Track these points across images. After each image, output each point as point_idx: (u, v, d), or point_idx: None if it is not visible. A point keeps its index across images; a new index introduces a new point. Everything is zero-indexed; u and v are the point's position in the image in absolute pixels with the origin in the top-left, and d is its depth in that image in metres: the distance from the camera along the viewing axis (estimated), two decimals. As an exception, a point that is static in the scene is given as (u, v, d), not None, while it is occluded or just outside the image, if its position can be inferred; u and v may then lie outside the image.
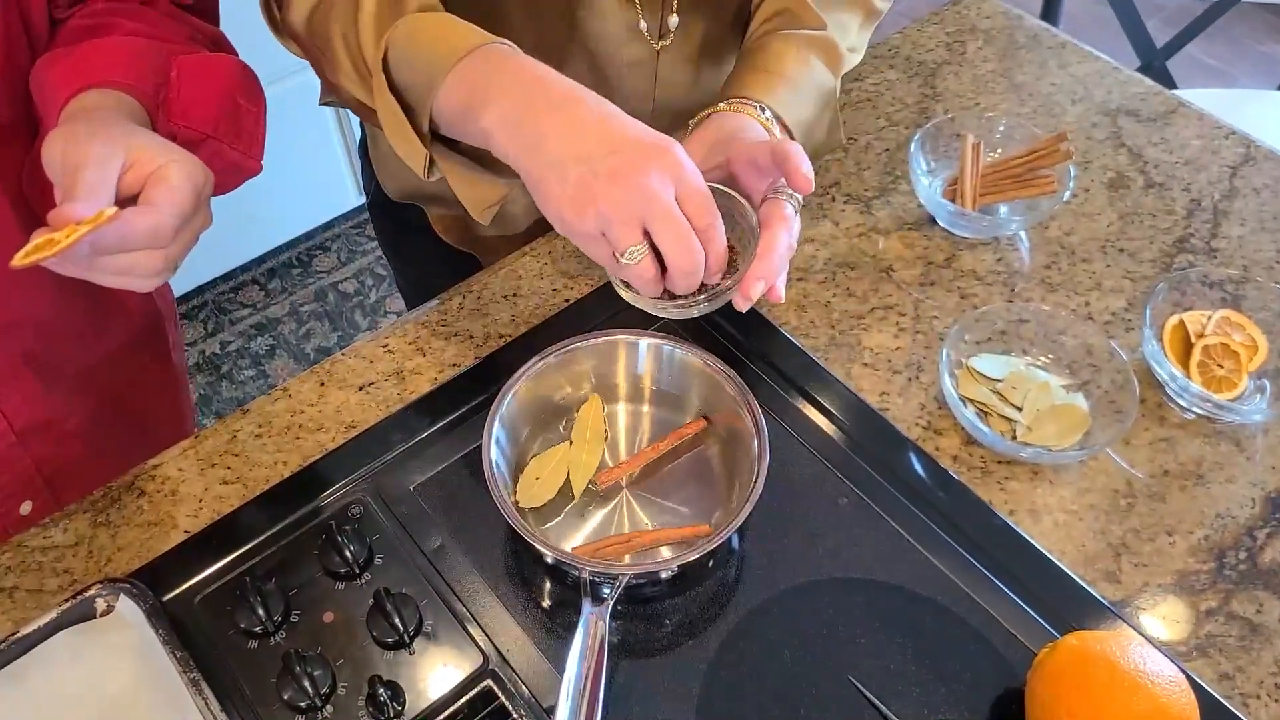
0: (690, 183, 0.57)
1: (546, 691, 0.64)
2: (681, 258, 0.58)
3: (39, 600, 0.68)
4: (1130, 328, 0.85)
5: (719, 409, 0.74)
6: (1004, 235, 0.91)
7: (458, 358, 0.82)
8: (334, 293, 2.11)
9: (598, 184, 0.56)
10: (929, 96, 1.03)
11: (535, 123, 0.58)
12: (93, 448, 0.85)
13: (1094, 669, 0.59)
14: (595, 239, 0.59)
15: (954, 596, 0.69)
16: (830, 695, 0.65)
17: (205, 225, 0.63)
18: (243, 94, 0.73)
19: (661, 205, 0.56)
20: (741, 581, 0.70)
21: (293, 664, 0.63)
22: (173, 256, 0.60)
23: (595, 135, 0.57)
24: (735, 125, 0.71)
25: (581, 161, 0.56)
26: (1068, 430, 0.75)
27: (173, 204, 0.58)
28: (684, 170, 0.57)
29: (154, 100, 0.67)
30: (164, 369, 0.94)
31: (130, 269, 0.59)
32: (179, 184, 0.59)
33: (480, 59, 0.61)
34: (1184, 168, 0.96)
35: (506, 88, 0.59)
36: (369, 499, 0.73)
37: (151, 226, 0.57)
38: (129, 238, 0.57)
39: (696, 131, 0.73)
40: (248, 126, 0.73)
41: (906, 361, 0.82)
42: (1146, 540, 0.73)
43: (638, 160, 0.56)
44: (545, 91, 0.59)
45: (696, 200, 0.57)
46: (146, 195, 0.58)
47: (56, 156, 0.58)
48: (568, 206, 0.58)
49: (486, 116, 0.60)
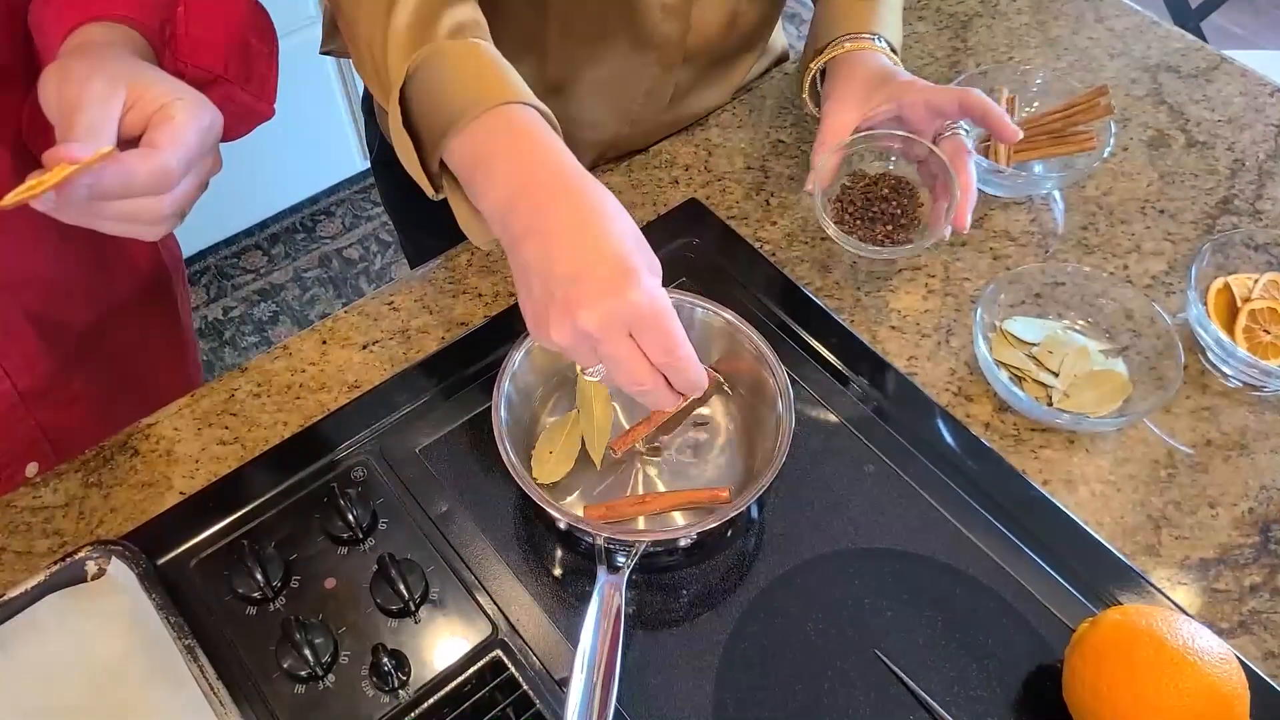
0: (647, 323, 0.53)
1: (559, 663, 0.61)
2: (631, 389, 0.55)
3: (27, 563, 0.65)
4: (1171, 292, 0.81)
5: (741, 370, 0.70)
6: (1038, 195, 0.87)
7: (466, 316, 0.79)
8: (338, 258, 2.07)
9: (554, 309, 0.53)
10: (960, 50, 0.98)
11: (517, 221, 0.55)
12: (98, 409, 0.81)
13: (1139, 645, 0.56)
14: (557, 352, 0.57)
15: (985, 569, 0.66)
16: (856, 670, 0.62)
17: (215, 170, 0.59)
18: (255, 33, 0.68)
19: (604, 346, 0.53)
20: (762, 551, 0.67)
21: (293, 631, 0.60)
22: (179, 202, 0.56)
23: (564, 254, 0.53)
24: (875, 65, 0.76)
25: (542, 279, 0.54)
26: (1107, 397, 0.72)
27: (177, 145, 0.54)
28: (641, 310, 0.52)
29: (160, 37, 0.62)
30: (172, 329, 0.91)
31: (134, 215, 0.55)
32: (184, 124, 0.54)
33: (493, 124, 0.57)
34: (1227, 126, 0.92)
35: (504, 174, 0.56)
36: (373, 461, 0.69)
37: (155, 169, 0.53)
38: (131, 181, 0.53)
39: (841, 74, 0.76)
40: (260, 69, 0.69)
41: (936, 324, 0.78)
42: (1188, 513, 0.69)
43: (592, 294, 0.52)
44: (539, 186, 0.56)
45: (653, 336, 0.53)
46: (150, 136, 0.54)
47: (52, 95, 0.54)
48: (530, 320, 0.56)
49: (483, 198, 0.57)
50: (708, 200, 0.86)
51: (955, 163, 0.73)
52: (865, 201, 0.77)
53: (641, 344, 0.53)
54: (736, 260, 0.82)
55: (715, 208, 0.86)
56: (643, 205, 0.86)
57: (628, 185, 0.87)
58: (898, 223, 0.76)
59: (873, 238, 0.76)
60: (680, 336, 0.53)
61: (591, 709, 0.55)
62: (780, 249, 0.83)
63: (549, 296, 0.53)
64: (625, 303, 0.52)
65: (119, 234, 0.56)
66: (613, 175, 0.88)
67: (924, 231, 0.74)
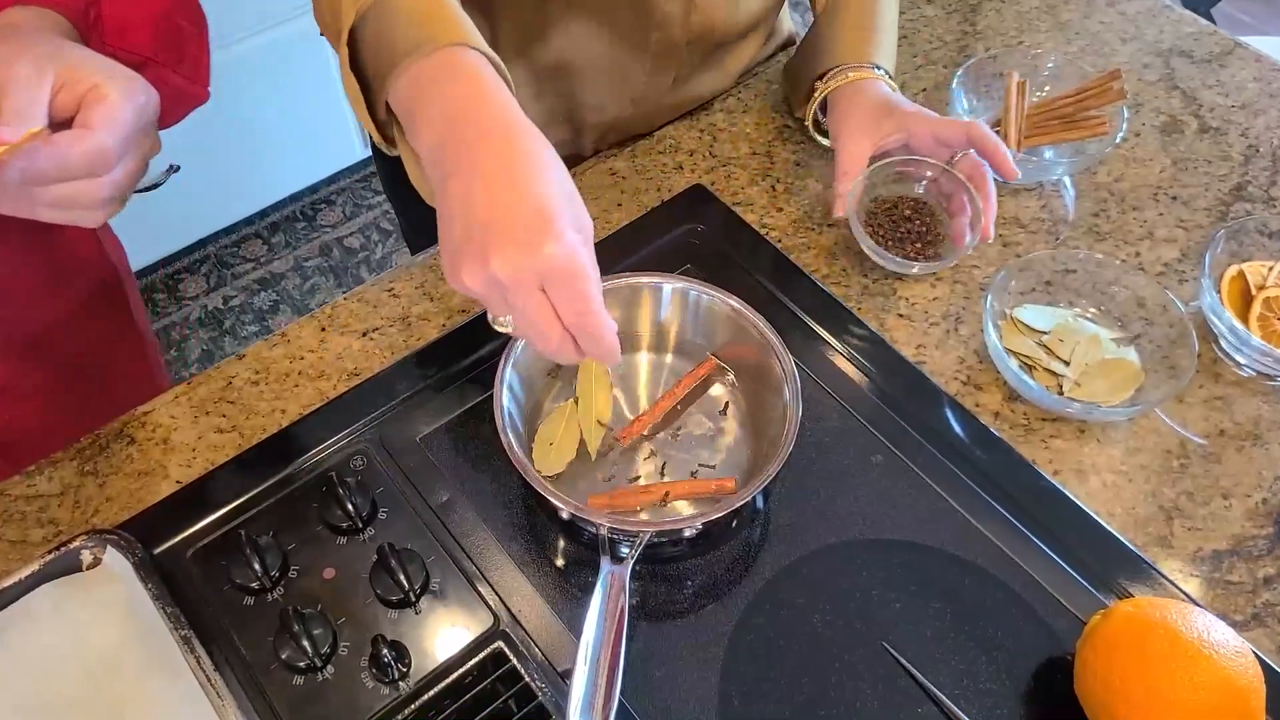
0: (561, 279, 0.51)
1: (561, 655, 0.60)
2: (536, 345, 0.54)
3: (22, 552, 0.64)
4: (1184, 280, 0.79)
5: (747, 358, 0.69)
6: (1048, 181, 0.85)
7: (467, 304, 0.77)
8: (339, 247, 2.06)
9: (468, 252, 0.51)
10: (969, 34, 0.97)
11: (446, 160, 0.54)
12: (51, 414, 0.79)
13: (1153, 638, 0.55)
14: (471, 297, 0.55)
15: (995, 560, 0.65)
16: (863, 662, 0.61)
17: (154, 151, 0.57)
18: (183, 14, 0.66)
19: (517, 294, 0.51)
20: (768, 541, 0.66)
21: (291, 622, 0.59)
22: (118, 184, 0.54)
23: (486, 198, 0.51)
24: (878, 95, 0.79)
25: (461, 221, 0.52)
26: (1119, 386, 0.70)
27: (113, 125, 0.52)
28: (556, 264, 0.50)
29: (85, 20, 0.60)
30: (126, 332, 0.88)
31: (71, 199, 0.53)
32: (118, 103, 0.52)
33: (435, 65, 0.55)
34: (1240, 111, 0.90)
35: (440, 113, 0.54)
36: (372, 450, 0.68)
37: (90, 150, 0.51)
38: (66, 164, 0.51)
39: (845, 105, 0.79)
40: (191, 50, 0.67)
41: (944, 313, 0.77)
42: (1200, 503, 0.68)
43: (507, 242, 0.50)
44: (472, 125, 0.53)
45: (565, 293, 0.51)
46: (83, 116, 0.52)
47: None
48: (446, 261, 0.53)
49: (418, 136, 0.56)
50: (713, 186, 0.85)
51: (974, 179, 0.76)
52: (892, 224, 0.79)
53: (553, 299, 0.52)
54: (742, 247, 0.81)
55: (720, 193, 0.84)
56: (646, 191, 0.84)
57: (631, 170, 0.86)
58: (925, 239, 0.78)
59: (906, 255, 0.77)
60: (594, 299, 0.52)
61: (595, 701, 0.54)
62: (786, 235, 0.82)
63: (466, 238, 0.51)
64: (540, 255, 0.50)
65: (58, 220, 0.54)
66: (616, 160, 0.87)
67: (950, 246, 0.77)
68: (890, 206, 0.79)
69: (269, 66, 1.79)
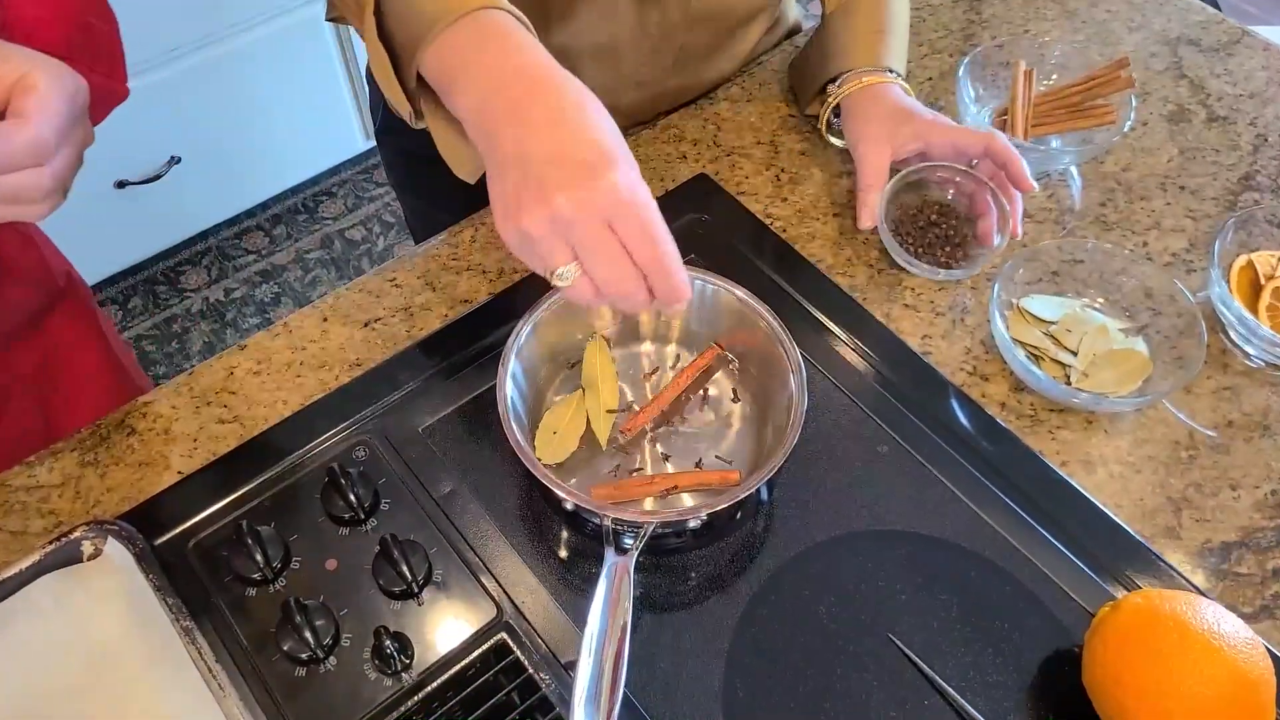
0: (627, 212, 0.50)
1: (565, 646, 0.60)
2: (610, 289, 0.52)
3: (22, 543, 0.64)
4: (1192, 270, 0.79)
5: (752, 347, 0.68)
6: (1055, 171, 0.85)
7: (470, 294, 0.77)
8: (340, 240, 2.05)
9: (529, 193, 0.50)
10: (975, 23, 0.96)
11: (495, 116, 0.53)
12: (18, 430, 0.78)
13: (1162, 630, 0.54)
14: (524, 251, 0.52)
15: (1002, 551, 0.64)
16: (869, 654, 0.61)
17: (87, 141, 0.56)
18: (92, 11, 0.65)
19: (583, 233, 0.50)
20: (773, 532, 0.65)
21: (293, 613, 0.58)
22: (59, 174, 0.53)
23: (542, 139, 0.50)
24: (894, 101, 0.78)
25: (518, 165, 0.51)
26: (1127, 376, 0.70)
27: (46, 113, 0.51)
28: (619, 197, 0.49)
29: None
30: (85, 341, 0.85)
31: (17, 193, 0.52)
32: (49, 91, 0.51)
33: (467, 29, 0.54)
34: (1249, 101, 0.90)
35: (482, 73, 0.54)
36: (375, 441, 0.68)
37: (29, 139, 0.50)
38: (7, 155, 0.50)
39: (862, 112, 0.78)
40: (106, 46, 0.65)
41: (950, 303, 0.77)
42: (1209, 495, 0.67)
43: (569, 179, 0.49)
44: (517, 81, 0.53)
45: (635, 232, 0.50)
46: (15, 107, 0.51)
47: None
48: (501, 209, 0.52)
49: (459, 100, 0.55)
50: (717, 176, 0.84)
51: (997, 179, 0.77)
52: (919, 231, 0.78)
53: (621, 235, 0.50)
54: (747, 237, 0.80)
55: (725, 183, 0.84)
56: (651, 180, 0.84)
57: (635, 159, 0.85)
58: (953, 243, 0.78)
59: (938, 261, 0.77)
60: (665, 231, 0.50)
61: (600, 693, 0.53)
62: (791, 225, 0.81)
63: (524, 182, 0.50)
64: (604, 187, 0.49)
65: (4, 217, 0.53)
66: (619, 150, 0.86)
67: (977, 247, 0.77)
68: (916, 213, 0.79)
69: (270, 58, 1.78)
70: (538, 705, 0.58)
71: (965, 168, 0.78)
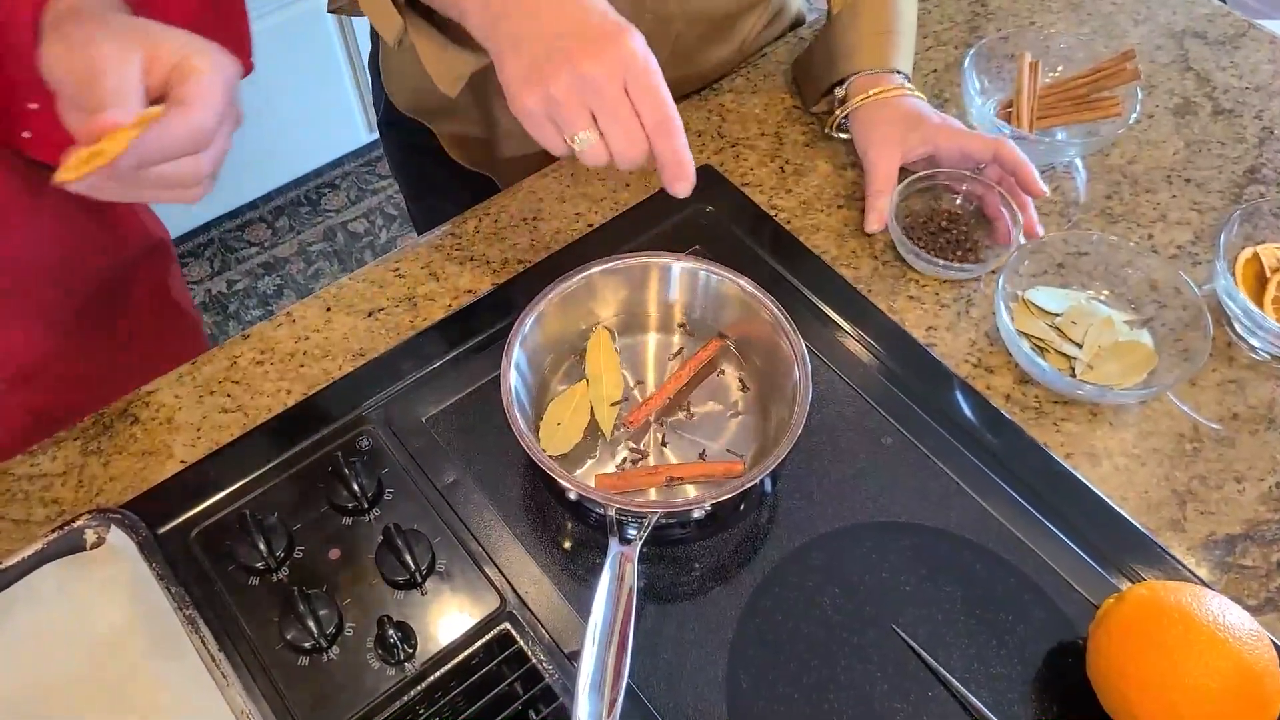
0: (642, 76, 0.55)
1: (569, 636, 0.60)
2: (623, 150, 0.57)
3: (25, 531, 0.64)
4: (1197, 262, 0.78)
5: (756, 338, 0.68)
6: (1059, 163, 0.84)
7: (473, 284, 0.77)
8: (343, 232, 2.05)
9: (550, 65, 0.54)
10: (980, 15, 0.96)
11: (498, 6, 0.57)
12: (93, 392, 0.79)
13: (1167, 622, 0.54)
14: (544, 122, 0.57)
15: (1006, 543, 0.64)
16: (873, 645, 0.60)
17: (238, 123, 0.56)
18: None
19: (606, 95, 0.54)
20: (777, 524, 0.65)
21: (296, 603, 0.58)
22: (216, 158, 0.53)
23: (555, 14, 0.55)
24: (905, 106, 0.78)
25: (538, 40, 0.55)
26: (1131, 369, 0.70)
27: (208, 100, 0.51)
28: (636, 61, 0.54)
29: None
30: (167, 304, 0.88)
31: (176, 179, 0.52)
32: (209, 76, 0.51)
33: None
34: (1255, 94, 0.89)
35: None
36: (378, 430, 0.68)
37: (192, 128, 0.50)
38: (170, 143, 0.50)
39: (873, 117, 0.78)
40: (234, 21, 0.66)
41: (955, 295, 0.76)
42: (1214, 487, 0.67)
43: (591, 46, 0.54)
44: None
45: (648, 94, 0.55)
46: (179, 93, 0.51)
47: (60, 68, 0.50)
48: (519, 81, 0.56)
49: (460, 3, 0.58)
50: (721, 167, 0.84)
51: (1005, 183, 0.77)
52: (930, 236, 0.78)
53: (634, 98, 0.54)
54: (751, 228, 0.80)
55: (729, 175, 0.83)
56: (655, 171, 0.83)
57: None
58: (965, 247, 0.78)
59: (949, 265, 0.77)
60: (670, 96, 0.55)
61: (604, 682, 0.53)
62: (796, 217, 0.81)
63: (547, 54, 0.54)
64: (626, 50, 0.54)
65: (160, 200, 0.53)
66: (623, 141, 0.86)
67: (990, 249, 0.78)
68: (928, 219, 0.79)
69: (272, 51, 1.78)
70: (541, 695, 0.57)
71: (973, 174, 0.78)
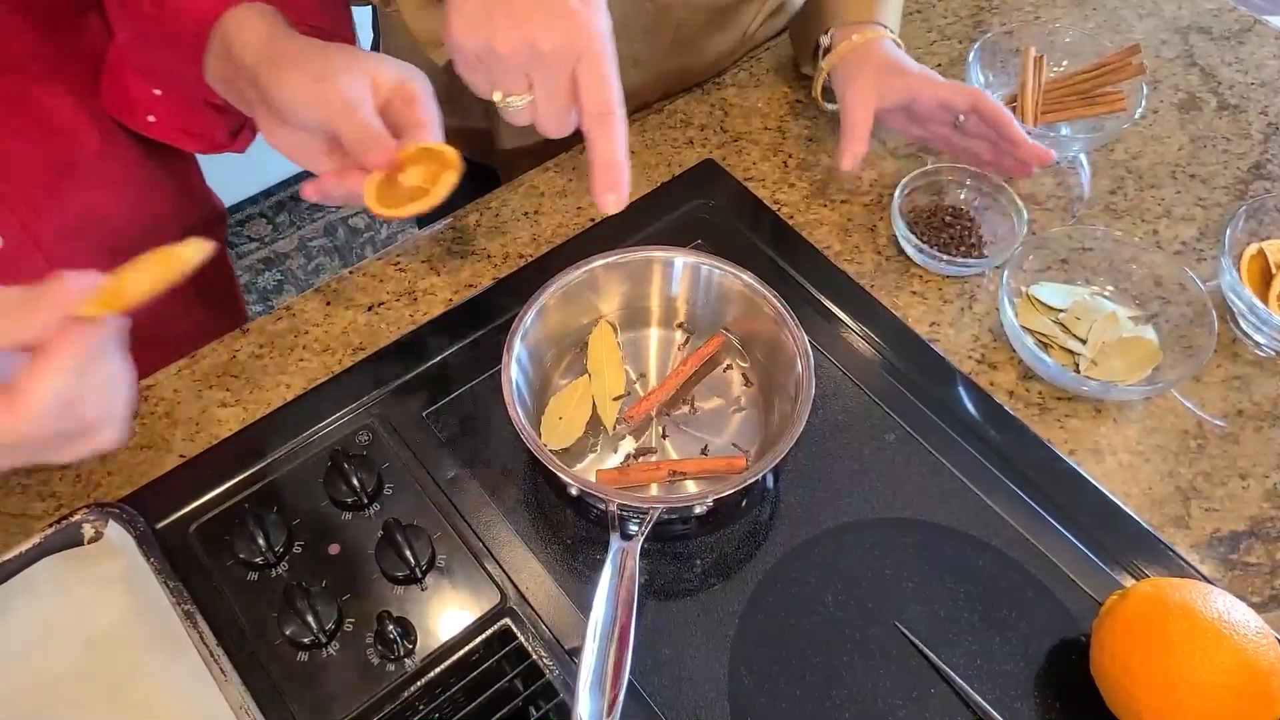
0: (596, 62, 0.51)
1: (570, 632, 0.59)
2: (550, 125, 0.54)
3: (23, 525, 0.64)
4: (1202, 258, 0.78)
5: (759, 333, 0.68)
6: (1064, 158, 0.84)
7: (474, 278, 0.76)
8: (344, 227, 2.05)
9: (500, 13, 0.50)
10: (984, 9, 0.95)
11: None
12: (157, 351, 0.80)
13: (1171, 618, 0.54)
14: (475, 66, 0.53)
15: (1009, 540, 0.64)
16: (876, 642, 0.60)
17: None
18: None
19: (551, 71, 0.51)
20: (779, 519, 0.65)
21: (295, 598, 0.58)
22: None
23: None
24: (884, 54, 0.76)
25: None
26: (1136, 365, 0.69)
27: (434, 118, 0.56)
28: (594, 44, 0.50)
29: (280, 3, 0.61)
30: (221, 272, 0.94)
31: None
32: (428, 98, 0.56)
33: None
34: (1260, 89, 0.89)
35: None
36: (378, 425, 0.67)
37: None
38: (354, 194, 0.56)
39: (852, 65, 0.76)
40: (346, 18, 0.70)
41: (959, 290, 0.76)
42: (1218, 484, 0.67)
43: (553, 16, 0.50)
44: None
45: (597, 82, 0.51)
46: (411, 117, 0.55)
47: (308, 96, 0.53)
48: (461, 17, 0.51)
49: None
50: (724, 161, 0.84)
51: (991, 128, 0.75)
52: (934, 231, 0.78)
53: (582, 80, 0.51)
54: (754, 223, 0.80)
55: (732, 169, 0.83)
56: (657, 166, 0.83)
57: (642, 145, 0.85)
58: (967, 242, 0.77)
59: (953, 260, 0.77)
60: (620, 94, 0.52)
61: (605, 679, 0.53)
62: (798, 211, 0.81)
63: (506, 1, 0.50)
64: (588, 31, 0.50)
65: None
66: (625, 135, 0.86)
67: (994, 244, 0.77)
68: (930, 214, 0.78)
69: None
70: (541, 691, 0.57)
71: (975, 168, 0.77)
